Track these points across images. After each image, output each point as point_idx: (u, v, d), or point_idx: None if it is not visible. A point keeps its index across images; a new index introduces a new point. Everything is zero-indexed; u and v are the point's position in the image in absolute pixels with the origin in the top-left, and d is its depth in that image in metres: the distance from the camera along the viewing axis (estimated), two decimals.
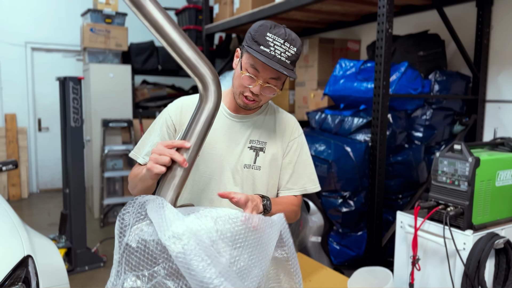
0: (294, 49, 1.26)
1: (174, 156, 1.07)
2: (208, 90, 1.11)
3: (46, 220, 5.06)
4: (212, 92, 1.12)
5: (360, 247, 2.83)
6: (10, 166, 2.82)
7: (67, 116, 3.55)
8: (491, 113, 2.97)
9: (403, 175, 2.82)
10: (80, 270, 3.59)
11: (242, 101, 1.33)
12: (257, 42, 1.24)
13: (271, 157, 1.41)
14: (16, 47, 6.10)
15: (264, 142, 1.40)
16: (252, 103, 1.32)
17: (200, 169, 1.36)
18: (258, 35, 1.24)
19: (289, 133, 1.46)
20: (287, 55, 1.24)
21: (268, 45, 1.23)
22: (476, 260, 1.93)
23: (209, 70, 1.11)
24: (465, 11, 3.05)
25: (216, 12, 4.63)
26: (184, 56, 1.08)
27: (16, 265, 1.68)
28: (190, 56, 1.08)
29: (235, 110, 1.41)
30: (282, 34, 1.24)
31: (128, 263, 0.97)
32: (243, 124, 1.40)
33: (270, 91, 1.30)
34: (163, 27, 1.05)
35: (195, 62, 1.09)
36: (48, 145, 6.46)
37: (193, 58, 1.09)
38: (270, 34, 1.24)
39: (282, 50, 1.23)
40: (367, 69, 2.96)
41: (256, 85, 1.27)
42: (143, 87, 5.71)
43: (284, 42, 1.24)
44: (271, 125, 1.44)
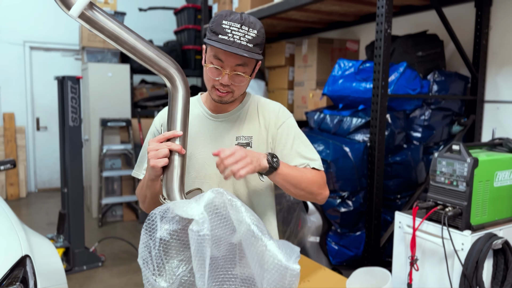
0: (255, 31, 1.23)
1: (172, 146, 1.13)
2: (175, 80, 1.20)
3: (44, 219, 5.05)
4: (178, 81, 1.20)
5: (358, 247, 2.83)
6: (8, 166, 2.81)
7: (66, 116, 3.54)
8: (490, 114, 2.97)
9: (401, 175, 2.82)
10: (78, 269, 3.59)
11: (216, 95, 1.30)
12: (215, 32, 1.22)
13: (258, 150, 1.36)
14: (14, 46, 6.09)
15: (249, 137, 1.37)
16: (225, 95, 1.29)
17: (191, 175, 1.36)
18: (215, 25, 1.23)
19: (274, 121, 1.39)
20: (247, 39, 1.22)
21: (225, 33, 1.20)
22: (474, 260, 1.93)
23: (171, 62, 1.19)
24: (464, 11, 3.05)
25: (215, 11, 4.62)
26: (145, 57, 1.16)
27: (14, 265, 1.68)
28: (150, 55, 1.17)
29: (216, 110, 1.39)
30: (238, 19, 1.22)
31: (167, 254, 1.07)
32: (227, 123, 1.38)
33: (239, 79, 1.27)
34: (120, 35, 1.13)
35: (157, 59, 1.18)
36: (46, 144, 6.45)
37: (153, 56, 1.17)
38: (226, 21, 1.22)
39: (240, 34, 1.21)
40: (366, 69, 2.96)
41: (223, 75, 1.25)
42: (141, 86, 5.71)
43: (241, 26, 1.21)
44: (255, 117, 1.40)
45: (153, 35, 6.22)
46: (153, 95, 5.68)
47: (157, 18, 6.51)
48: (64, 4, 1.08)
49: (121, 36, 1.13)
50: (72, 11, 1.07)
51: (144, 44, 1.15)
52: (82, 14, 1.09)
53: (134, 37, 1.14)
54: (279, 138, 1.38)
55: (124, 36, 1.13)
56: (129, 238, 4.33)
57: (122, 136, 5.20)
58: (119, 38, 1.12)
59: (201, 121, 1.38)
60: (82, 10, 1.08)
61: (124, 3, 5.85)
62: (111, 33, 1.12)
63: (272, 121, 1.39)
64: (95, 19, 1.10)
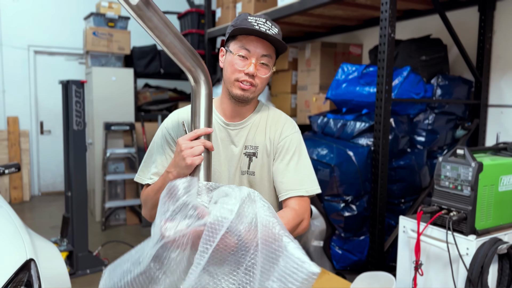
0: (276, 29, 1.30)
1: (206, 144, 1.16)
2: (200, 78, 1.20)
3: (48, 223, 5.06)
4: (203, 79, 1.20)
5: (362, 251, 2.82)
6: (13, 169, 2.82)
7: (70, 119, 3.55)
8: (494, 118, 2.97)
9: (405, 179, 2.82)
10: (81, 273, 3.59)
11: (239, 88, 1.30)
12: (241, 26, 1.28)
13: (262, 161, 1.38)
14: (19, 50, 6.13)
15: (256, 147, 1.39)
16: (249, 89, 1.30)
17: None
18: (240, 21, 1.30)
19: (278, 134, 1.39)
20: (273, 32, 1.28)
21: (252, 25, 1.27)
22: (479, 265, 1.92)
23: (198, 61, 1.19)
24: (467, 15, 3.05)
25: (218, 16, 4.65)
26: (177, 52, 1.16)
27: (19, 268, 1.68)
28: (183, 51, 1.16)
29: (230, 117, 1.39)
30: (262, 16, 1.31)
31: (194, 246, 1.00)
32: (239, 130, 1.39)
33: (265, 70, 1.30)
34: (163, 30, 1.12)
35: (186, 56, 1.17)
36: (50, 148, 6.47)
37: (185, 52, 1.17)
38: (251, 17, 1.30)
39: (267, 27, 1.28)
40: (369, 73, 2.96)
41: (250, 64, 1.28)
42: (145, 90, 5.73)
43: (266, 21, 1.30)
44: (263, 128, 1.41)
45: None
46: (156, 99, 5.69)
47: None
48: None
49: (164, 31, 1.12)
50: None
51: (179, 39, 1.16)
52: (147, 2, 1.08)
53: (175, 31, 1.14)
54: (279, 152, 1.38)
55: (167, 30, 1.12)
56: (132, 242, 4.33)
57: (125, 140, 5.21)
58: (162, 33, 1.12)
59: (213, 127, 1.37)
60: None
61: None
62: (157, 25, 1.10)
63: (276, 134, 1.40)
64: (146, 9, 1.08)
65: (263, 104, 1.46)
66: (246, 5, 3.96)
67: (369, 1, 3.00)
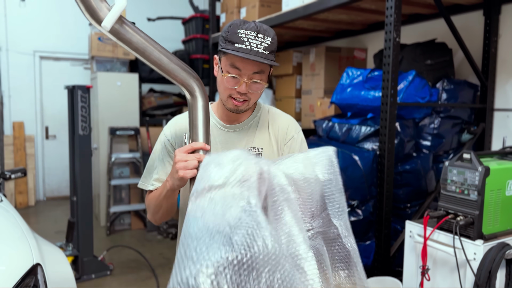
0: (269, 39, 1.24)
1: (201, 159, 1.11)
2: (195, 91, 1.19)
3: (53, 227, 5.07)
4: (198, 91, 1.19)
5: (368, 256, 2.81)
6: (19, 174, 2.84)
7: (75, 124, 3.57)
8: (500, 122, 2.95)
9: (411, 184, 2.81)
10: (86, 278, 3.59)
11: (232, 105, 1.30)
12: (231, 41, 1.23)
13: None
14: (24, 56, 6.17)
15: (260, 148, 1.39)
16: (242, 104, 1.30)
17: None
18: (230, 34, 1.24)
19: (284, 134, 1.42)
20: (263, 46, 1.23)
21: (242, 41, 1.22)
22: (487, 270, 1.91)
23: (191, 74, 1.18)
24: (473, 19, 3.05)
25: (222, 21, 4.66)
26: (166, 69, 1.15)
27: (26, 273, 1.69)
28: (172, 68, 1.16)
29: (228, 121, 1.39)
30: (253, 27, 1.23)
31: None
32: (238, 133, 1.39)
33: (257, 86, 1.28)
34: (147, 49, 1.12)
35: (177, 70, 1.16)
36: (55, 152, 6.50)
37: (174, 68, 1.16)
38: (241, 30, 1.22)
39: (257, 42, 1.22)
40: (374, 77, 2.96)
41: (241, 83, 1.25)
42: (150, 95, 5.75)
43: (257, 34, 1.23)
44: (265, 128, 1.41)
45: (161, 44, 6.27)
46: (161, 103, 5.72)
47: (166, 28, 6.57)
48: (94, 18, 1.05)
49: (147, 49, 1.12)
50: (105, 23, 1.04)
51: (166, 56, 1.15)
52: (116, 30, 1.07)
53: (159, 49, 1.14)
54: (286, 152, 1.42)
55: (149, 49, 1.12)
56: (137, 247, 4.34)
57: (130, 145, 5.23)
58: (146, 52, 1.12)
59: (212, 132, 1.38)
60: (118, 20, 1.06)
61: (133, 13, 5.90)
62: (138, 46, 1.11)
63: (281, 135, 1.42)
64: (123, 31, 1.08)
65: (262, 105, 1.46)
66: (251, 10, 3.98)
67: (373, 5, 3.01)
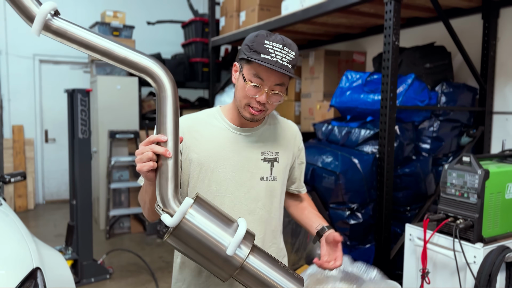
0: (293, 53, 1.27)
1: (155, 149, 1.06)
2: (159, 79, 1.08)
3: (52, 231, 5.06)
4: (163, 78, 1.08)
5: (368, 260, 2.80)
6: (19, 178, 2.83)
7: (75, 128, 3.57)
8: (499, 125, 2.96)
9: (411, 187, 2.81)
10: (86, 282, 3.58)
11: (249, 113, 1.30)
12: (257, 51, 1.24)
13: (284, 165, 1.43)
14: (24, 59, 6.18)
15: (276, 152, 1.41)
16: (259, 114, 1.31)
17: (212, 188, 1.34)
18: (256, 44, 1.25)
19: (297, 138, 1.51)
20: (288, 59, 1.25)
21: (268, 52, 1.23)
22: (487, 273, 1.91)
23: (152, 60, 1.07)
24: (471, 23, 3.06)
25: (222, 25, 4.68)
26: (120, 58, 1.05)
27: (25, 277, 1.68)
28: (126, 55, 1.05)
29: (241, 124, 1.39)
30: (280, 40, 1.25)
31: None
32: (252, 137, 1.39)
33: (276, 98, 1.29)
34: (91, 41, 1.03)
35: (134, 58, 1.05)
36: (55, 156, 6.50)
37: (130, 57, 1.05)
38: (268, 42, 1.24)
39: (282, 55, 1.24)
40: (373, 81, 2.97)
41: (262, 93, 1.26)
42: (149, 98, 5.76)
43: (283, 47, 1.25)
44: (278, 133, 1.45)
45: (161, 48, 6.30)
46: None
47: (165, 32, 6.59)
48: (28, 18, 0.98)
49: (92, 42, 1.03)
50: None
51: (116, 45, 1.05)
52: (48, 27, 0.99)
53: (106, 40, 1.04)
54: (298, 155, 1.52)
55: (95, 41, 1.03)
56: (136, 250, 4.33)
57: (130, 148, 5.23)
58: (90, 44, 1.03)
59: (224, 135, 1.37)
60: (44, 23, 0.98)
61: (132, 17, 5.94)
62: (81, 40, 1.02)
63: (292, 140, 1.49)
64: (63, 30, 1.01)
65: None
66: (250, 14, 3.99)
67: (372, 9, 3.02)
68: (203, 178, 1.34)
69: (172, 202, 1.07)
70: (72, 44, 1.03)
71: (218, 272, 1.09)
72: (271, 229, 1.42)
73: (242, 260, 1.07)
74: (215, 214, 1.09)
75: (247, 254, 1.08)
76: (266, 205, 1.39)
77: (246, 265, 1.09)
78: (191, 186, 1.35)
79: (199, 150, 1.34)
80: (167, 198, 1.07)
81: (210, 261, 1.07)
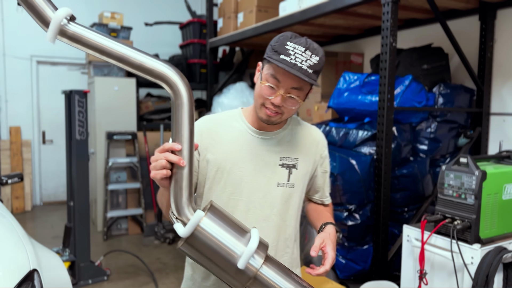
0: (317, 58, 1.20)
1: (169, 157, 1.04)
2: (175, 86, 1.05)
3: (50, 233, 5.04)
4: (179, 85, 1.05)
5: (366, 261, 2.81)
6: (16, 179, 2.82)
7: (73, 129, 3.56)
8: (496, 126, 2.97)
9: (408, 188, 2.81)
10: (83, 283, 3.57)
11: (264, 114, 1.26)
12: (277, 51, 1.20)
13: (303, 173, 1.38)
14: (21, 60, 6.16)
15: (296, 158, 1.36)
16: (274, 116, 1.26)
17: (228, 190, 1.32)
18: (279, 45, 1.21)
19: (319, 145, 1.44)
20: (308, 64, 1.19)
21: (288, 54, 1.18)
22: (485, 274, 1.91)
23: (166, 65, 1.05)
24: (468, 24, 3.07)
25: (220, 26, 4.68)
26: (136, 64, 1.03)
27: (22, 279, 1.67)
28: (142, 61, 1.03)
29: (260, 127, 1.35)
30: (303, 43, 1.20)
31: None
32: (271, 141, 1.35)
33: (292, 102, 1.24)
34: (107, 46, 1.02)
35: (150, 64, 1.03)
36: (52, 157, 6.48)
37: (146, 63, 1.03)
38: (291, 43, 1.20)
39: (303, 59, 1.19)
40: (371, 82, 2.97)
41: (277, 95, 1.22)
42: (147, 99, 5.75)
43: (305, 51, 1.19)
44: (299, 139, 1.39)
45: (158, 49, 6.29)
46: (158, 108, 5.71)
47: (163, 33, 6.59)
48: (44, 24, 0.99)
49: (108, 47, 1.02)
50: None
51: (135, 52, 1.04)
52: (63, 32, 1.00)
53: (122, 46, 1.03)
54: (321, 163, 1.46)
55: (110, 46, 1.02)
56: (134, 252, 4.32)
57: (127, 149, 5.22)
58: (105, 50, 1.02)
59: (243, 137, 1.34)
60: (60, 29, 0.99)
61: (130, 18, 5.93)
62: (96, 46, 1.02)
63: (319, 146, 1.44)
64: (78, 35, 1.01)
65: (293, 116, 1.42)
66: (248, 15, 3.99)
67: (370, 10, 3.02)
68: (219, 180, 1.32)
69: (186, 210, 1.07)
70: (87, 49, 1.02)
71: (231, 281, 1.08)
72: (285, 237, 1.38)
73: (255, 270, 1.06)
74: (228, 224, 1.08)
75: (261, 264, 1.07)
76: (281, 212, 1.35)
77: (259, 276, 1.07)
78: (207, 187, 1.33)
79: (216, 151, 1.32)
80: (181, 206, 1.07)
81: (222, 270, 1.07)
